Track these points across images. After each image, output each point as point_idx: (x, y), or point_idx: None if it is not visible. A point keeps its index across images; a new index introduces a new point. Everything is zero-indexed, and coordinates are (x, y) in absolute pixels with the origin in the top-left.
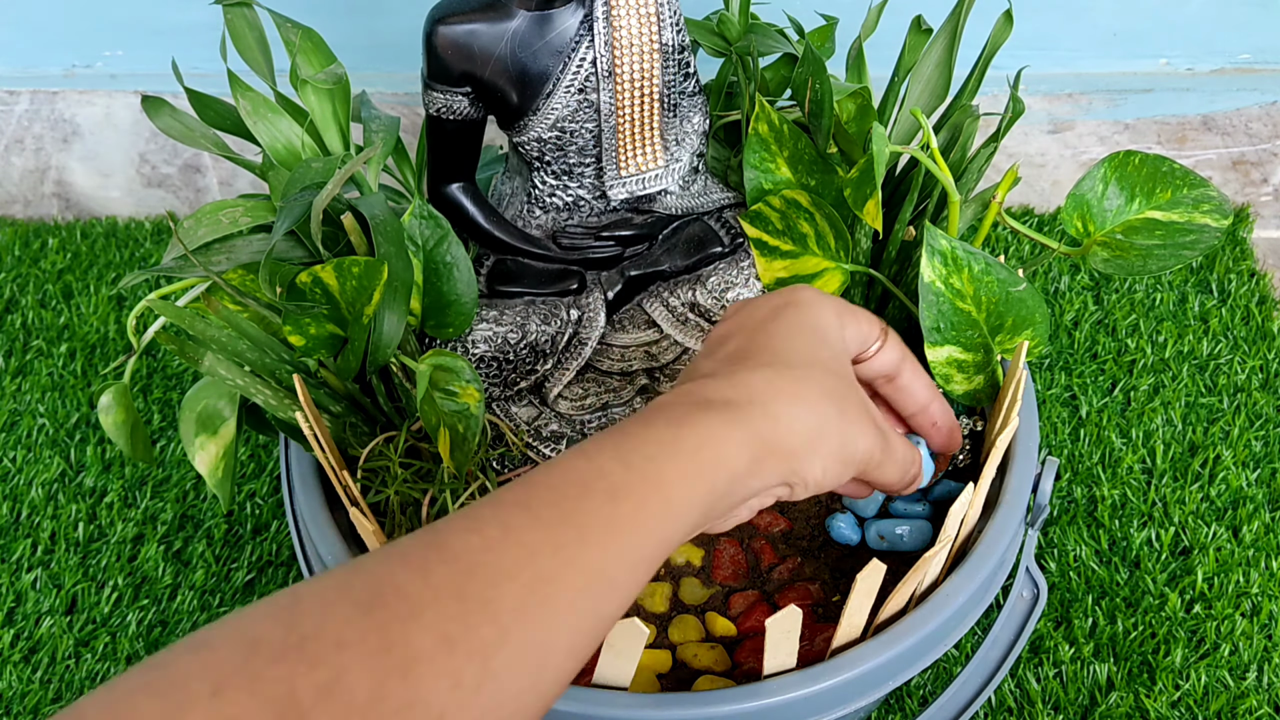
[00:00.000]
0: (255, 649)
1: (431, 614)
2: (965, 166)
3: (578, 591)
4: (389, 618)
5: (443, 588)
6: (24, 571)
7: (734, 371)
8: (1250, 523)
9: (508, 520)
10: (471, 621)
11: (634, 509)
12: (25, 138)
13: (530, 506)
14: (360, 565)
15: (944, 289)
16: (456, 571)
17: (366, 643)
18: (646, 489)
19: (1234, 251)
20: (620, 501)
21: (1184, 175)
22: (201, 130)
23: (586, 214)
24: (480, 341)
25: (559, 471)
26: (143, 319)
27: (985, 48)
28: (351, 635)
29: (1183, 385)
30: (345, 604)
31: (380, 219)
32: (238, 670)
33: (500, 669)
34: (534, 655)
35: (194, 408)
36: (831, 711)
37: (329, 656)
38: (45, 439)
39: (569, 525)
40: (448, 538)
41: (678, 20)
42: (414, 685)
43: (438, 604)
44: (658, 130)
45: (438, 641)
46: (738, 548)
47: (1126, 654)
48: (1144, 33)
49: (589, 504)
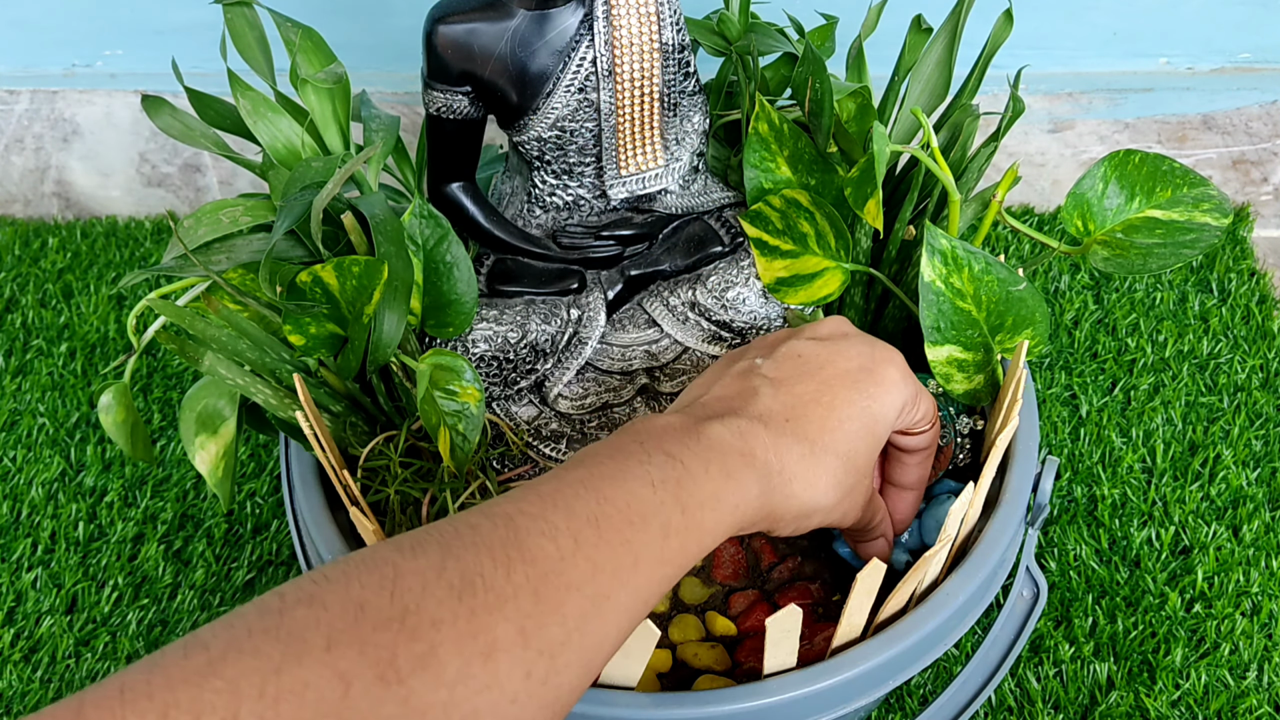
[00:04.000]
0: (363, 612)
1: (512, 608)
2: (965, 166)
3: (625, 608)
4: (476, 605)
5: (522, 587)
6: (24, 571)
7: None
8: (1250, 522)
9: (579, 535)
10: (544, 621)
11: (679, 547)
12: (25, 137)
13: (599, 526)
14: (450, 548)
15: (944, 288)
16: (534, 575)
17: (458, 625)
18: (691, 533)
19: (1234, 251)
20: (670, 539)
21: (1184, 174)
22: (201, 130)
23: (586, 213)
24: (480, 341)
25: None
26: (143, 318)
27: (985, 47)
28: (445, 615)
29: (1183, 384)
30: (441, 586)
31: (380, 218)
32: (347, 630)
33: (563, 667)
34: (587, 658)
35: (194, 407)
36: (831, 711)
37: (426, 632)
38: (45, 438)
39: (629, 551)
40: (526, 539)
41: (678, 19)
42: (493, 669)
43: (517, 600)
44: (658, 130)
45: (515, 634)
46: (738, 547)
47: (1127, 653)
48: (1144, 32)
49: (646, 536)
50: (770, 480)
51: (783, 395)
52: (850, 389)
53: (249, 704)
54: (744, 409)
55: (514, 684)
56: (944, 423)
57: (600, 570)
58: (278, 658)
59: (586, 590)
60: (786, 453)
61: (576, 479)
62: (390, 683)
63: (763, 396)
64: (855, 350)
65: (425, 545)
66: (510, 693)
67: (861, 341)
